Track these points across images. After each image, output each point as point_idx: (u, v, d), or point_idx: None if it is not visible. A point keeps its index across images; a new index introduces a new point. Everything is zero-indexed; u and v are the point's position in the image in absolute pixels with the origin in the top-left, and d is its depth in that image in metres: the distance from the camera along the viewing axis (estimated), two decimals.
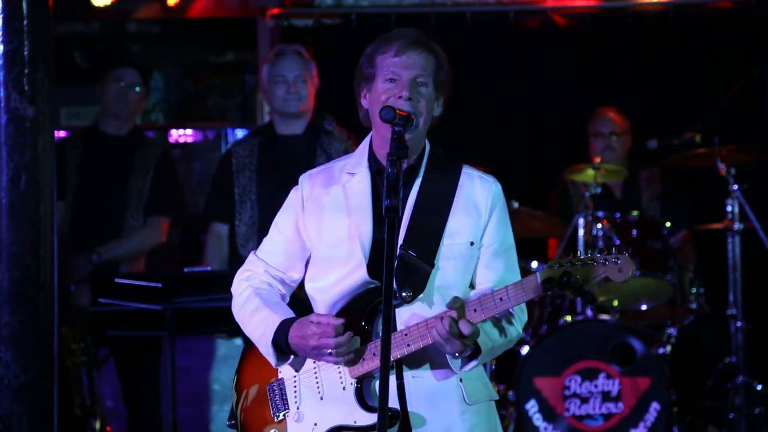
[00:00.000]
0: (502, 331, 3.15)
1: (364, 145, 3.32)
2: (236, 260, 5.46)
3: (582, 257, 3.00)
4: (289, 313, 3.25)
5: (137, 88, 5.92)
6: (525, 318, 3.25)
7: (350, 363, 3.15)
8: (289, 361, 3.23)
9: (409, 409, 3.12)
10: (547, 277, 2.99)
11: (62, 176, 5.61)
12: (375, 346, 3.12)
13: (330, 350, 3.11)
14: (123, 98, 5.89)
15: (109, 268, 5.72)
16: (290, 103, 5.60)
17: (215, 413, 6.31)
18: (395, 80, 3.17)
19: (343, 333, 3.10)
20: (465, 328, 3.01)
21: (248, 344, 3.38)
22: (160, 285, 5.11)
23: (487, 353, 3.12)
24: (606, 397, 5.90)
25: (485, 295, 3.08)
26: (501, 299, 3.05)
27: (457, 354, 3.07)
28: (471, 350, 3.09)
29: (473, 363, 3.12)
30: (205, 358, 6.27)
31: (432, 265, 3.17)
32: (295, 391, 3.24)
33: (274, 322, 3.20)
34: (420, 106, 3.17)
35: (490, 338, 3.12)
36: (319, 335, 3.10)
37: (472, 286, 3.24)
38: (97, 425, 5.58)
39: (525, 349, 5.98)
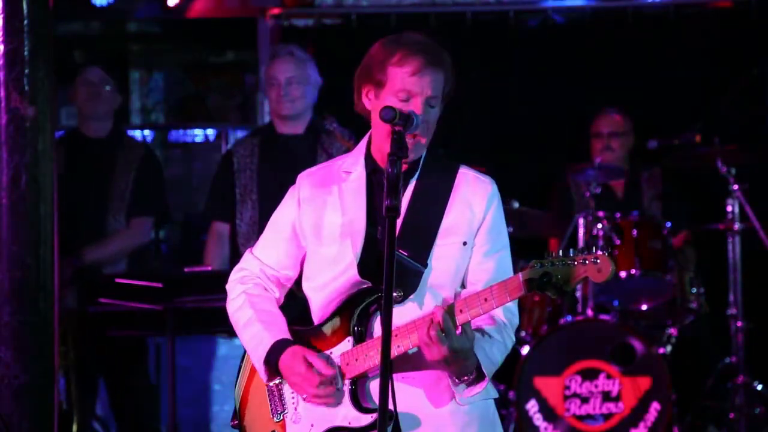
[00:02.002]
0: (500, 348, 3.15)
1: (362, 145, 3.31)
2: (237, 260, 5.44)
3: (562, 257, 2.96)
4: (282, 332, 3.24)
5: (107, 87, 5.90)
6: (516, 321, 3.24)
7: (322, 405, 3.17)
8: (278, 380, 3.23)
9: (399, 409, 3.09)
10: (528, 277, 2.98)
11: None
12: (368, 347, 3.12)
13: (305, 396, 3.15)
14: (95, 98, 5.87)
15: (91, 271, 5.69)
16: (282, 105, 5.60)
17: (216, 413, 6.30)
18: (408, 99, 3.13)
19: (328, 383, 3.11)
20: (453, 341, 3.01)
21: None
22: (160, 285, 5.11)
23: (490, 374, 3.13)
24: (606, 397, 5.90)
25: (471, 295, 3.06)
26: (485, 299, 3.02)
27: (456, 379, 3.09)
28: (474, 374, 3.09)
29: (476, 389, 3.12)
30: (206, 358, 6.26)
31: (425, 265, 3.15)
32: (292, 393, 3.23)
33: (267, 341, 3.21)
34: (428, 127, 3.16)
35: (492, 362, 3.12)
36: (303, 377, 3.12)
37: (463, 285, 3.22)
38: (74, 429, 5.58)
39: (525, 349, 5.99)
